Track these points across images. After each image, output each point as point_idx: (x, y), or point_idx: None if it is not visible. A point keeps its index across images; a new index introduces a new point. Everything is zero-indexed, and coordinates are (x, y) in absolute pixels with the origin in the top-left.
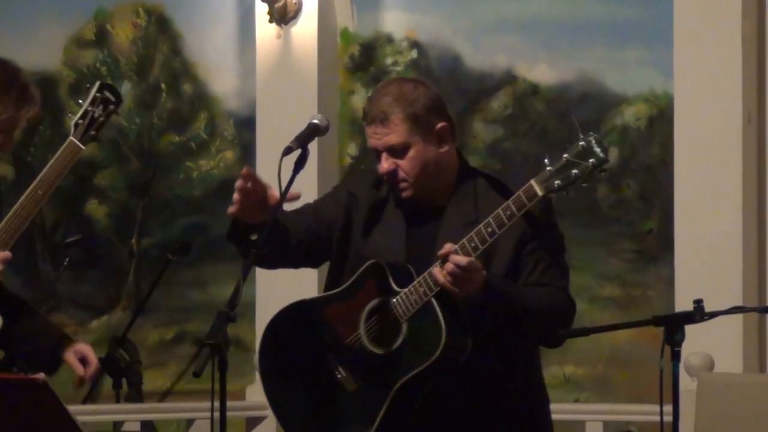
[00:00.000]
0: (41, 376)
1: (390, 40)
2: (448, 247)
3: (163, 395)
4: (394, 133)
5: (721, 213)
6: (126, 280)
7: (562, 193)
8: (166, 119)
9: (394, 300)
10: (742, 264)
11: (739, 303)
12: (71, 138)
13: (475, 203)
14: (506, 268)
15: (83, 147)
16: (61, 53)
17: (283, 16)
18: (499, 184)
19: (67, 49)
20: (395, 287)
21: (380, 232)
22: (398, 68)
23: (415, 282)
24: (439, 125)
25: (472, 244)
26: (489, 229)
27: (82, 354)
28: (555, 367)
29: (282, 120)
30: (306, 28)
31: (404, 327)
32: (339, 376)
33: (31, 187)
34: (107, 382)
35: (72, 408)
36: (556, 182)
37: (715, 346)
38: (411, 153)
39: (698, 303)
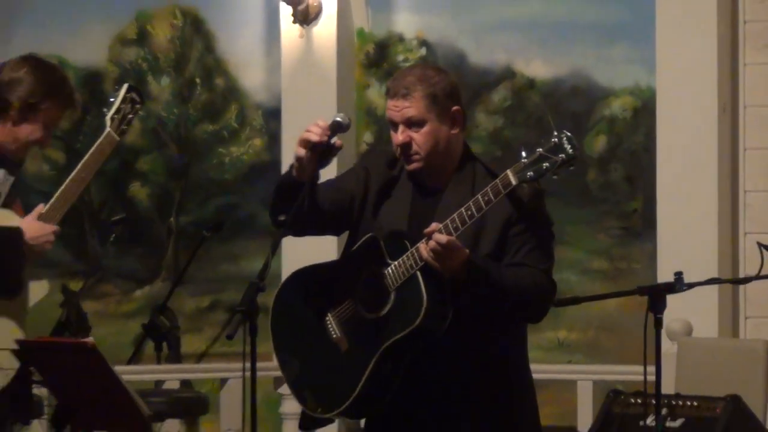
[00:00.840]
0: (90, 340)
1: (401, 39)
2: (433, 226)
3: (200, 357)
4: (414, 107)
5: (699, 194)
6: (165, 255)
7: (535, 183)
8: (200, 110)
9: (386, 270)
10: (718, 240)
11: (715, 275)
12: (109, 129)
13: (472, 187)
14: (492, 247)
15: (118, 138)
16: (107, 51)
17: (305, 18)
18: (491, 170)
19: (111, 47)
20: (388, 259)
21: (388, 206)
22: (408, 64)
23: (404, 255)
24: (454, 108)
25: (454, 225)
26: (469, 212)
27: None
28: (550, 332)
29: (305, 111)
30: (326, 28)
31: (392, 296)
32: (334, 336)
33: (76, 170)
34: (149, 345)
35: (117, 368)
36: (528, 173)
37: (693, 313)
38: (426, 128)
39: (678, 275)
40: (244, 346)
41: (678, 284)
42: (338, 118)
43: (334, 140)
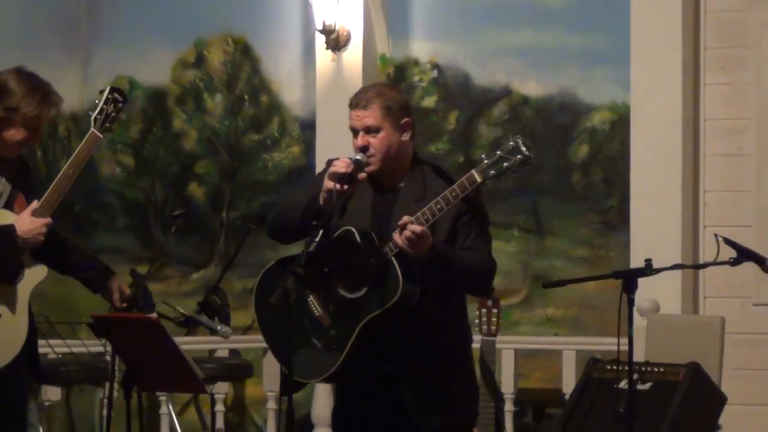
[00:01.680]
0: (154, 315)
1: (417, 63)
2: (406, 218)
3: (246, 329)
4: (371, 117)
5: (665, 193)
6: (218, 244)
7: (496, 180)
8: (248, 122)
9: (361, 258)
10: (681, 231)
11: (679, 261)
12: (92, 129)
13: (424, 185)
14: (446, 234)
15: (101, 136)
16: (170, 72)
17: (336, 45)
18: (440, 170)
19: (174, 69)
20: (363, 247)
21: (352, 204)
22: (423, 84)
23: (376, 243)
24: (405, 120)
25: (425, 217)
26: (438, 206)
27: (119, 286)
28: (539, 310)
29: (336, 124)
30: (353, 54)
31: (369, 278)
32: (317, 313)
33: (65, 167)
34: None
35: (177, 339)
36: (491, 172)
37: (660, 293)
38: (381, 134)
39: (648, 261)
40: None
41: (647, 269)
42: (358, 157)
43: (361, 175)
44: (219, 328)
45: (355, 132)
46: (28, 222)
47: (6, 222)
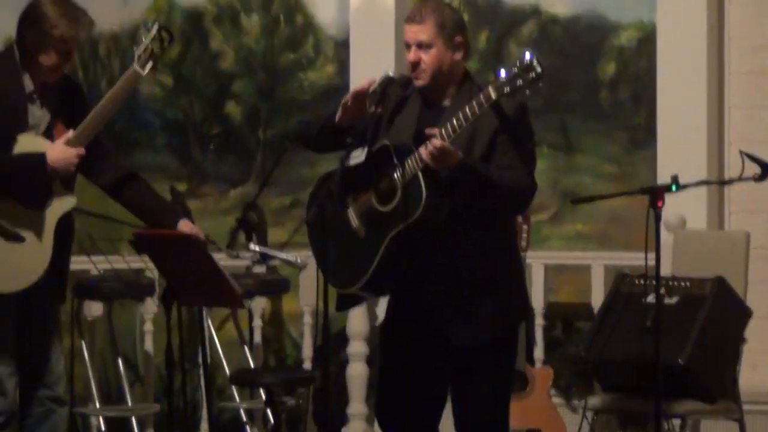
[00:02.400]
0: (194, 232)
1: None
2: (432, 131)
3: (283, 245)
4: (425, 32)
5: (691, 110)
6: (255, 161)
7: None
8: (284, 42)
9: (394, 171)
10: (707, 148)
11: (704, 177)
12: (134, 66)
13: (469, 102)
14: (483, 151)
15: (143, 73)
16: None
17: None
18: (482, 88)
19: None
20: (396, 161)
21: (399, 119)
22: (453, 4)
23: (408, 158)
24: (458, 38)
25: (446, 132)
26: (458, 122)
27: (189, 226)
28: (568, 225)
29: (369, 43)
30: None
31: (399, 192)
32: (354, 225)
33: (102, 101)
34: (241, 236)
35: (215, 255)
36: (505, 88)
37: (686, 209)
38: (433, 50)
39: (674, 177)
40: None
41: (674, 185)
42: (390, 73)
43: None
44: (296, 260)
45: (407, 46)
46: (59, 151)
47: (39, 150)
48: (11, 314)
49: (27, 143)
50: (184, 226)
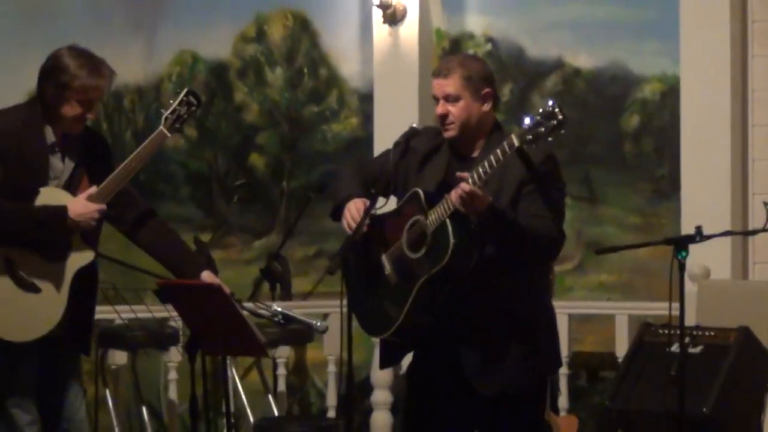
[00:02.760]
0: (217, 282)
1: (471, 36)
2: (461, 175)
3: (306, 295)
4: (452, 86)
5: (715, 162)
6: (278, 212)
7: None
8: (307, 94)
9: (425, 218)
10: (731, 199)
11: (728, 228)
12: (161, 127)
13: (494, 150)
14: (509, 201)
15: (169, 135)
16: (231, 46)
17: (393, 19)
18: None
19: (235, 43)
20: (427, 208)
21: (428, 168)
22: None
23: (438, 205)
24: (485, 90)
25: (472, 180)
26: (482, 169)
27: (212, 278)
28: (593, 276)
29: (393, 96)
30: (410, 28)
31: (429, 238)
32: (387, 272)
33: (128, 159)
34: (265, 286)
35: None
36: (528, 136)
37: (710, 259)
38: (461, 103)
39: (698, 228)
40: (341, 287)
41: (698, 236)
42: (414, 125)
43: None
44: (316, 323)
45: (436, 99)
46: (81, 206)
47: (61, 202)
48: (32, 363)
49: (49, 196)
50: (208, 277)
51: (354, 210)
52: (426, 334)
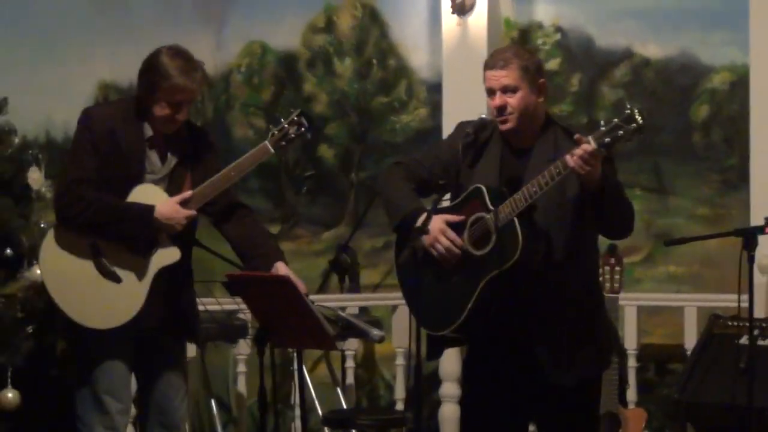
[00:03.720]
0: (286, 274)
1: (540, 26)
2: (581, 137)
3: (375, 287)
4: (510, 77)
5: None
6: (347, 203)
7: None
8: (376, 85)
9: (488, 215)
10: None
11: None
12: (266, 142)
13: (555, 145)
14: (577, 190)
15: (272, 150)
16: (300, 37)
17: (461, 10)
18: (570, 132)
19: (304, 33)
20: (490, 206)
21: (482, 164)
22: (546, 47)
23: (505, 202)
24: (541, 81)
25: (544, 180)
26: (557, 170)
27: (285, 269)
28: (661, 267)
29: (462, 86)
30: (478, 18)
31: (494, 236)
32: (449, 269)
33: (228, 167)
34: (334, 278)
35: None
36: (606, 139)
37: None
38: (519, 94)
39: None
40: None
41: (767, 226)
42: (484, 115)
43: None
44: (373, 332)
45: (491, 92)
46: (170, 209)
47: (153, 201)
48: (127, 353)
49: (143, 193)
50: (282, 269)
51: (444, 239)
52: (487, 329)
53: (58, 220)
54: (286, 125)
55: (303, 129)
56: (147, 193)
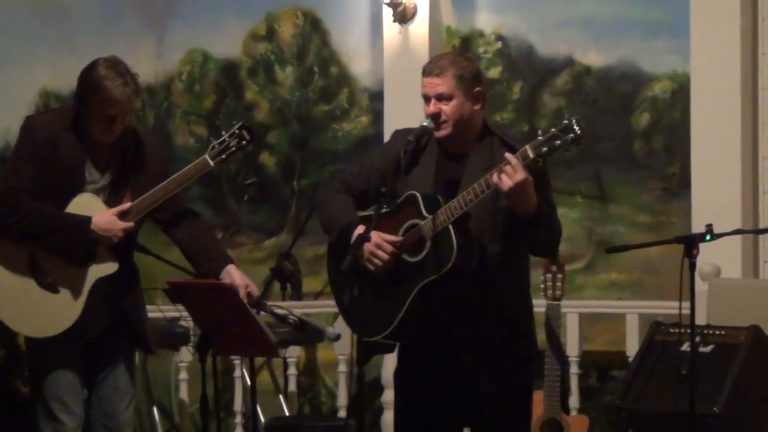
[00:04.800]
0: (228, 281)
1: (482, 34)
2: (509, 155)
3: (317, 295)
4: (445, 84)
5: (725, 160)
6: (289, 211)
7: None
8: (318, 93)
9: (422, 222)
10: (741, 197)
11: (739, 226)
12: (205, 156)
13: (492, 154)
14: (507, 203)
15: (212, 164)
16: (241, 45)
17: (403, 18)
18: (507, 142)
19: (245, 42)
20: (425, 213)
21: (417, 171)
22: (488, 56)
23: (439, 210)
24: (477, 89)
25: (480, 188)
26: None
27: (246, 285)
28: (603, 274)
29: (403, 94)
30: (420, 26)
31: (428, 243)
32: (380, 276)
33: (166, 181)
34: (276, 285)
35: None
36: (543, 148)
37: (721, 258)
38: (453, 102)
39: (709, 227)
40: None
41: (709, 234)
42: (425, 123)
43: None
44: (328, 330)
45: (427, 99)
46: (107, 221)
47: (91, 212)
48: (73, 360)
49: (82, 204)
50: (233, 272)
51: (380, 252)
52: (419, 335)
53: None
54: (227, 138)
55: (244, 142)
56: (86, 204)
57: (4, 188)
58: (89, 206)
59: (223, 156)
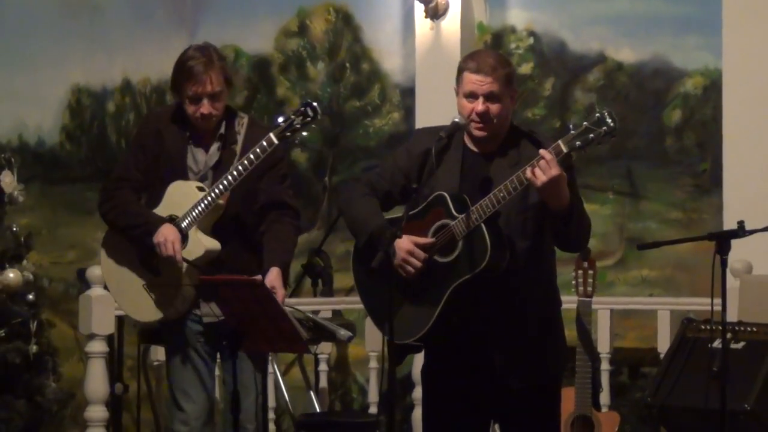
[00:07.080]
0: (259, 277)
1: (513, 30)
2: (543, 151)
3: (348, 291)
4: (496, 84)
5: (757, 155)
6: (321, 207)
7: (582, 151)
8: (350, 89)
9: (453, 222)
10: None
11: None
12: (270, 134)
13: (518, 150)
14: (537, 198)
15: (275, 141)
16: (273, 41)
17: (435, 14)
18: (534, 138)
19: (277, 38)
20: (455, 213)
21: (441, 170)
22: (519, 52)
23: (470, 210)
24: (516, 92)
25: (513, 185)
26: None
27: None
28: (635, 271)
29: (435, 90)
30: (451, 22)
31: (460, 243)
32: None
33: (237, 162)
34: (307, 281)
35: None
36: (577, 143)
37: (753, 255)
38: (501, 103)
39: (741, 223)
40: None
41: (740, 231)
42: (456, 119)
43: None
44: (340, 333)
45: (474, 96)
46: (170, 232)
47: (185, 197)
48: (195, 348)
49: (178, 190)
50: (270, 274)
51: (413, 258)
52: (447, 334)
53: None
54: (292, 115)
55: (308, 119)
56: (181, 192)
57: (108, 178)
58: (183, 193)
59: (287, 133)
